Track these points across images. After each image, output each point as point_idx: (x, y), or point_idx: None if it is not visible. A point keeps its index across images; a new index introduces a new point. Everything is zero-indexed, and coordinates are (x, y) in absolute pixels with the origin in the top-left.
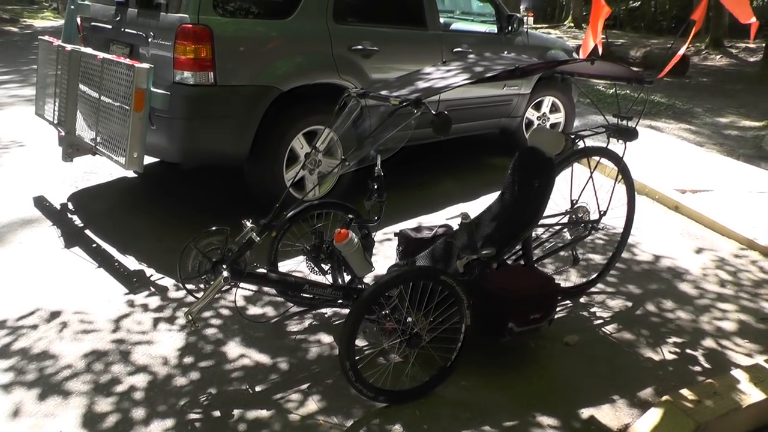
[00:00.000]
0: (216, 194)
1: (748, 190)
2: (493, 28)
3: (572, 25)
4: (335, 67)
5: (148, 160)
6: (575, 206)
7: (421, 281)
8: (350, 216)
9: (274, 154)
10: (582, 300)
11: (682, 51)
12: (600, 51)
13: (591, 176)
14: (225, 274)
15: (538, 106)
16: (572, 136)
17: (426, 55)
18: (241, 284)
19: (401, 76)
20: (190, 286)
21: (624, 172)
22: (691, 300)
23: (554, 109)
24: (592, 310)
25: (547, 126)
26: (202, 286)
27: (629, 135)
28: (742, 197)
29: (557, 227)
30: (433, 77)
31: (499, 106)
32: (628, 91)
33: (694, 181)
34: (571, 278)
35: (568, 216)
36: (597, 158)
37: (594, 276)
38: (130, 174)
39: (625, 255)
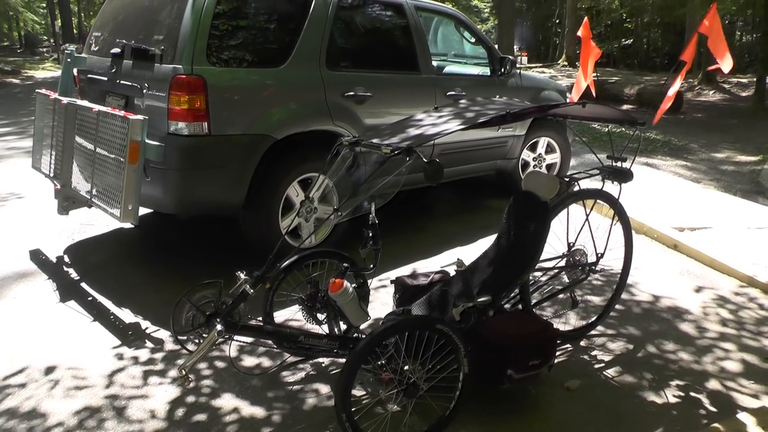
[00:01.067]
0: (213, 244)
1: (747, 226)
2: (486, 71)
3: (566, 63)
4: (329, 114)
5: (145, 211)
6: (572, 249)
7: (416, 331)
8: (345, 265)
9: (270, 203)
10: (582, 343)
11: (672, 92)
12: (593, 92)
13: (587, 219)
14: (219, 327)
15: (533, 147)
16: (567, 179)
17: (419, 99)
18: (236, 336)
19: (393, 123)
20: (183, 338)
21: (620, 214)
22: (693, 340)
23: (550, 149)
24: (593, 353)
25: (543, 167)
26: (196, 339)
27: (624, 176)
28: (740, 233)
29: (555, 271)
30: (425, 124)
31: (495, 148)
32: (623, 129)
33: (693, 219)
34: (570, 321)
35: (565, 259)
36: (593, 200)
37: (593, 319)
38: (127, 225)
39: (624, 296)
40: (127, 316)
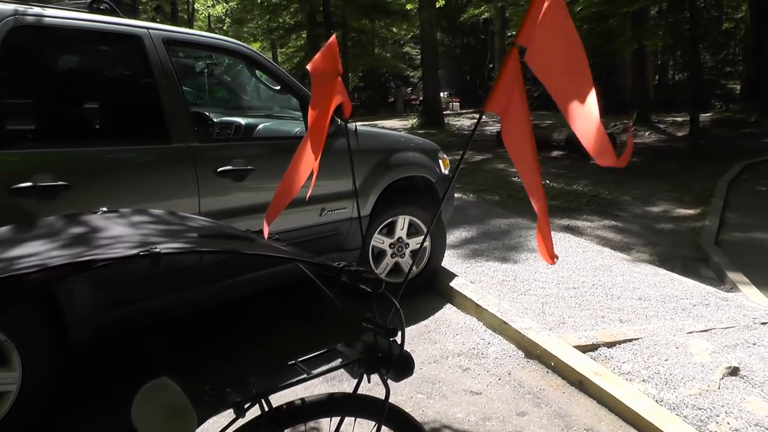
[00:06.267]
0: None
1: (688, 329)
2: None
3: None
4: None
5: None
6: None
7: None
8: None
9: None
10: None
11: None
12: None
13: None
14: None
15: (391, 231)
16: (239, 401)
17: (168, 182)
18: None
19: None
20: None
21: (396, 425)
22: None
23: (415, 231)
24: None
25: (407, 256)
26: None
27: (399, 366)
28: (679, 346)
29: None
30: None
31: (321, 238)
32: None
33: (615, 321)
34: None
35: None
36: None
37: None
38: None
39: None
40: None
